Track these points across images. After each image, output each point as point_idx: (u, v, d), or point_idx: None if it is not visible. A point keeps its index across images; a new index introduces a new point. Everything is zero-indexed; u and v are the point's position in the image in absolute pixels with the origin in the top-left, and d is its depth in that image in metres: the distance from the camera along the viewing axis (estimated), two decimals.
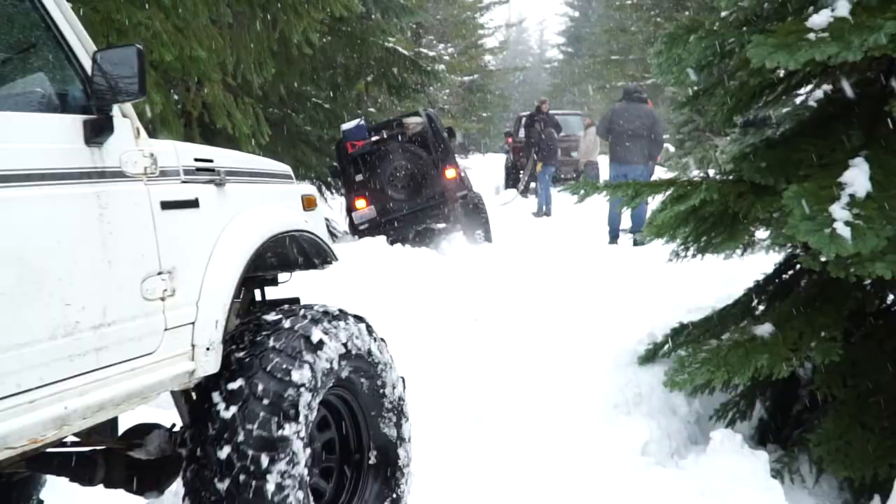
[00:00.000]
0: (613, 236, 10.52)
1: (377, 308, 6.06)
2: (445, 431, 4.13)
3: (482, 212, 10.63)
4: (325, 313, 2.87)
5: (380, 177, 9.94)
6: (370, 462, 3.09)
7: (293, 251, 3.28)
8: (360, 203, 10.00)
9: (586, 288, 6.89)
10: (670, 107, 18.79)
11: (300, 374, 2.61)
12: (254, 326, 2.77)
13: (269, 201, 3.06)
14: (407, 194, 10.07)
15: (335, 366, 2.78)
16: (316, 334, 2.73)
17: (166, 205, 2.47)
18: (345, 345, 2.84)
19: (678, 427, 4.18)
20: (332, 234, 12.36)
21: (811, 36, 2.94)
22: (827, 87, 3.91)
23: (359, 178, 9.99)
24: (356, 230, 10.07)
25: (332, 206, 13.05)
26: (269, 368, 2.58)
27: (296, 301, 3.42)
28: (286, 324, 2.75)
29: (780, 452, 3.96)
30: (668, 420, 4.18)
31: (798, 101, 4.11)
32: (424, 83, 12.79)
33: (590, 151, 17.25)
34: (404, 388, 3.24)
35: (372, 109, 14.37)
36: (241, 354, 2.65)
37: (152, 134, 6.21)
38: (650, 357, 4.49)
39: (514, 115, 31.21)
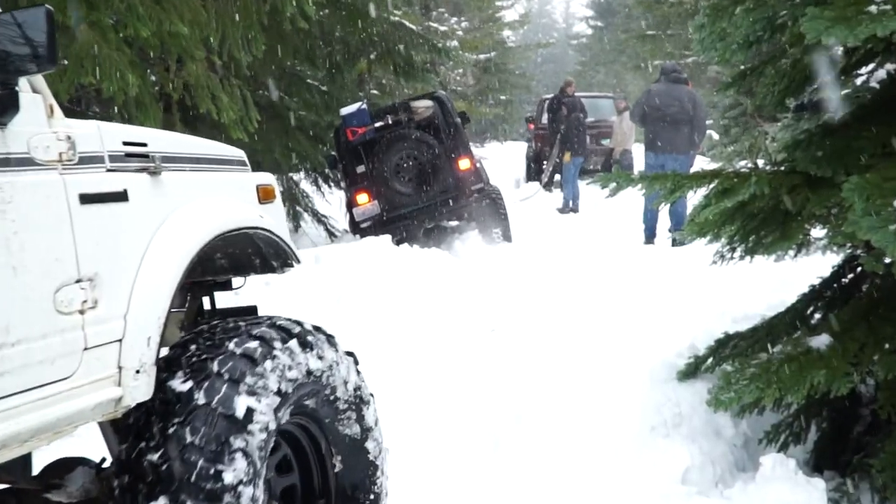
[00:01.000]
0: (649, 235, 10.53)
1: (381, 317, 6.10)
2: (459, 457, 4.15)
3: (500, 208, 10.67)
4: (247, 358, 2.60)
5: (384, 168, 10.00)
6: (336, 470, 3.09)
7: (247, 252, 3.15)
8: (362, 197, 10.06)
9: (618, 294, 6.90)
10: (714, 88, 18.77)
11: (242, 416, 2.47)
12: (200, 341, 2.65)
13: (217, 193, 2.91)
14: (415, 188, 10.13)
15: (273, 425, 2.59)
16: (240, 405, 2.49)
17: (87, 198, 2.31)
18: (279, 391, 2.63)
19: (723, 451, 4.19)
20: (331, 233, 12.45)
21: (872, 8, 2.94)
22: (891, 66, 3.91)
23: (360, 169, 10.05)
24: (357, 228, 10.13)
25: (331, 202, 13.14)
26: (213, 403, 2.43)
27: (251, 311, 3.30)
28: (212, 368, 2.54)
29: (838, 480, 3.96)
30: (711, 444, 4.19)
31: (858, 81, 4.11)
32: (435, 62, 12.87)
33: (625, 139, 17.29)
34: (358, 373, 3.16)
35: (375, 92, 14.45)
36: (178, 382, 2.51)
37: (127, 120, 6.29)
38: (691, 372, 4.50)
39: (536, 99, 31.17)
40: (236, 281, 3.38)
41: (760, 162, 4.16)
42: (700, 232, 3.85)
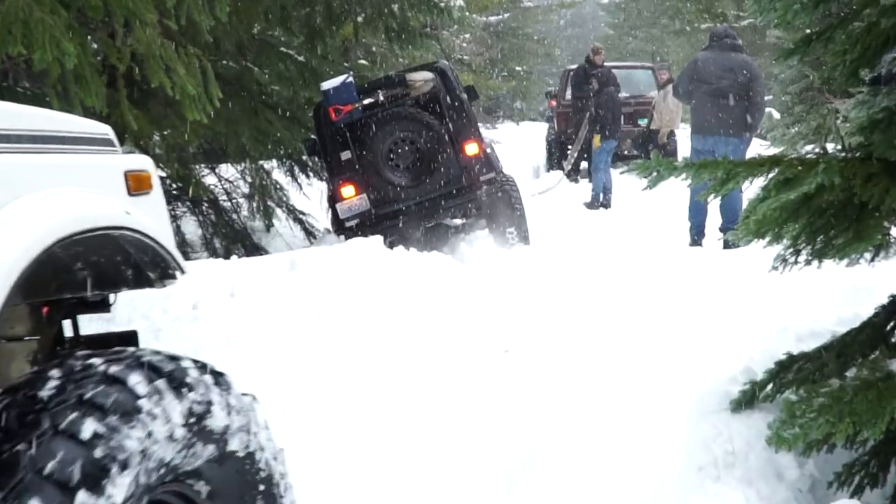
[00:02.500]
0: (696, 236, 10.55)
1: (370, 336, 6.10)
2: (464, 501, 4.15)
3: (516, 202, 10.67)
4: (97, 409, 2.32)
5: (374, 154, 10.01)
6: None
7: (115, 260, 2.91)
8: (348, 190, 10.08)
9: (658, 307, 6.89)
10: (774, 57, 18.76)
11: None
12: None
13: (64, 182, 2.64)
14: (411, 178, 10.15)
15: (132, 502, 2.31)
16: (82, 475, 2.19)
17: None
18: (143, 453, 2.35)
19: (785, 497, 4.18)
20: (309, 234, 12.48)
21: None
22: None
23: (345, 155, 10.06)
24: (342, 228, 10.14)
25: (310, 196, 13.18)
26: (46, 471, 2.13)
27: (129, 340, 3.13)
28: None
29: None
30: (771, 488, 4.18)
31: None
32: (435, 25, 12.87)
33: (672, 119, 17.34)
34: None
35: (363, 62, 14.46)
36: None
37: (64, 96, 6.30)
38: (747, 402, 4.49)
39: (559, 70, 31.12)
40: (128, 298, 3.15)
41: (830, 146, 4.14)
42: (757, 231, 3.84)
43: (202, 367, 2.68)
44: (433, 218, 10.35)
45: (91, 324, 3.29)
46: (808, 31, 4.17)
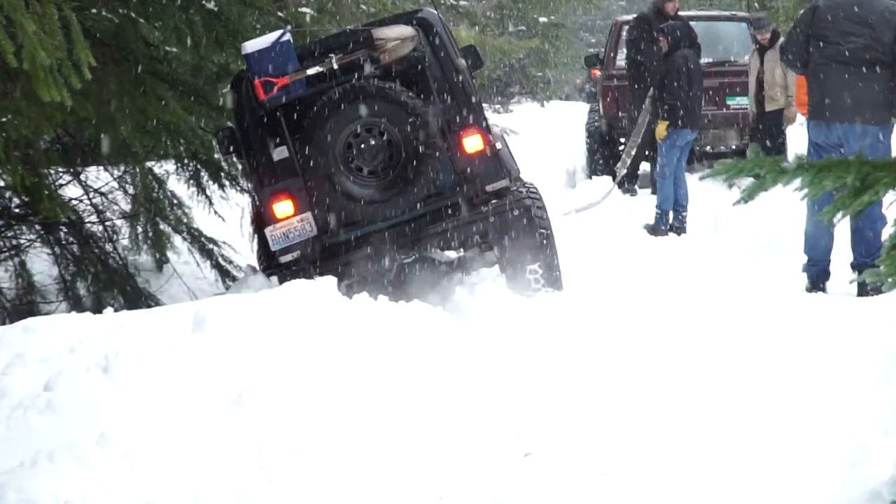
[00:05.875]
0: (817, 275, 10.52)
1: (318, 435, 6.10)
2: None
3: (540, 225, 10.64)
4: None
5: (324, 152, 9.97)
6: None
7: None
8: (283, 207, 10.05)
9: (759, 389, 6.90)
10: None
11: None
12: None
13: None
14: (381, 189, 10.10)
15: None
16: None
17: None
18: None
19: None
20: (225, 273, 12.48)
21: None
22: None
23: (280, 154, 10.04)
24: (274, 265, 10.12)
25: (225, 216, 13.15)
26: None
27: None
28: None
29: None
30: None
31: None
32: None
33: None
34: None
35: (306, 9, 14.48)
36: None
37: None
38: None
39: (607, 23, 31.05)
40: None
41: None
42: None
43: None
44: (414, 249, 10.31)
45: None
46: None
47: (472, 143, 10.15)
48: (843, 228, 10.18)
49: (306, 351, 7.02)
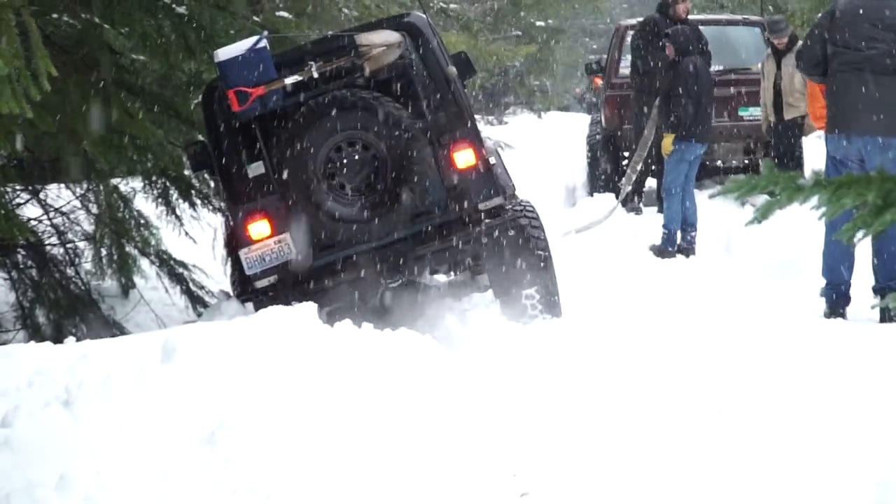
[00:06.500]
0: (836, 300, 10.51)
1: (301, 475, 6.09)
2: None
3: (537, 247, 10.66)
4: None
5: (304, 168, 9.98)
6: None
7: None
8: (259, 228, 10.05)
9: (774, 427, 6.90)
10: None
11: None
12: None
13: None
14: (365, 208, 10.10)
15: None
16: None
17: None
18: None
19: None
20: (196, 300, 12.46)
21: None
22: None
23: (255, 170, 10.04)
24: (249, 290, 10.10)
25: (196, 238, 13.13)
26: None
27: None
28: None
29: None
30: None
31: None
32: None
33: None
34: None
35: (284, 13, 14.50)
36: None
37: None
38: None
39: (609, 27, 31.05)
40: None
41: None
42: None
43: None
44: (401, 273, 10.33)
45: None
46: None
47: (464, 157, 10.14)
48: (864, 250, 10.24)
49: (284, 384, 7.01)
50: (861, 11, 10.27)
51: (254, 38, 9.96)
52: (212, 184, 12.39)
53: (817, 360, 8.19)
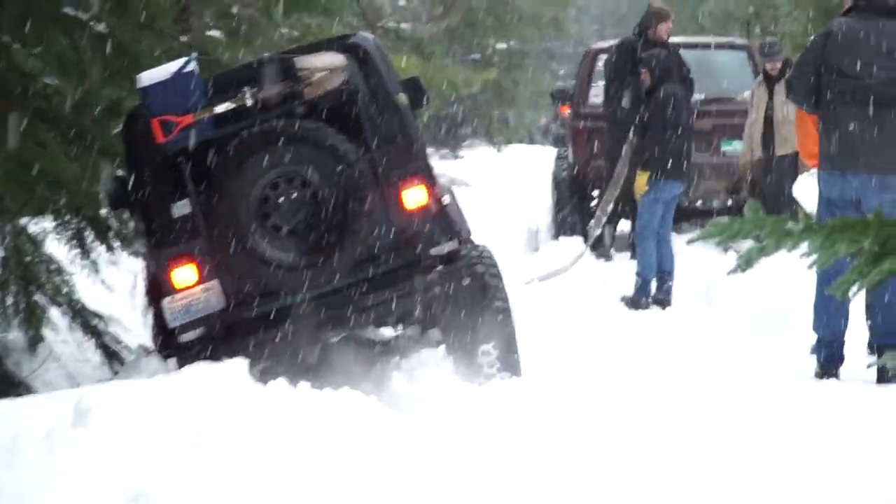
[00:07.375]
0: (828, 358, 10.53)
1: None
2: None
3: (495, 297, 10.67)
4: None
5: (235, 207, 9.97)
6: None
7: None
8: (184, 274, 10.02)
9: (752, 498, 6.92)
10: None
11: None
12: None
13: None
14: (304, 252, 10.09)
15: None
16: None
17: None
18: None
19: None
20: (112, 355, 12.41)
21: None
22: None
23: (180, 209, 10.02)
24: (173, 344, 10.07)
25: (113, 284, 13.10)
26: None
27: None
28: None
29: None
30: None
31: None
32: None
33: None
34: None
35: (215, 33, 14.52)
36: None
37: None
38: None
39: (577, 51, 31.13)
40: None
41: None
42: None
43: None
44: (342, 326, 10.32)
45: None
46: None
47: (414, 196, 10.14)
48: (859, 302, 10.23)
49: (211, 449, 6.99)
50: (862, 35, 10.17)
51: (181, 61, 9.94)
52: (132, 224, 12.32)
53: (809, 427, 8.22)
